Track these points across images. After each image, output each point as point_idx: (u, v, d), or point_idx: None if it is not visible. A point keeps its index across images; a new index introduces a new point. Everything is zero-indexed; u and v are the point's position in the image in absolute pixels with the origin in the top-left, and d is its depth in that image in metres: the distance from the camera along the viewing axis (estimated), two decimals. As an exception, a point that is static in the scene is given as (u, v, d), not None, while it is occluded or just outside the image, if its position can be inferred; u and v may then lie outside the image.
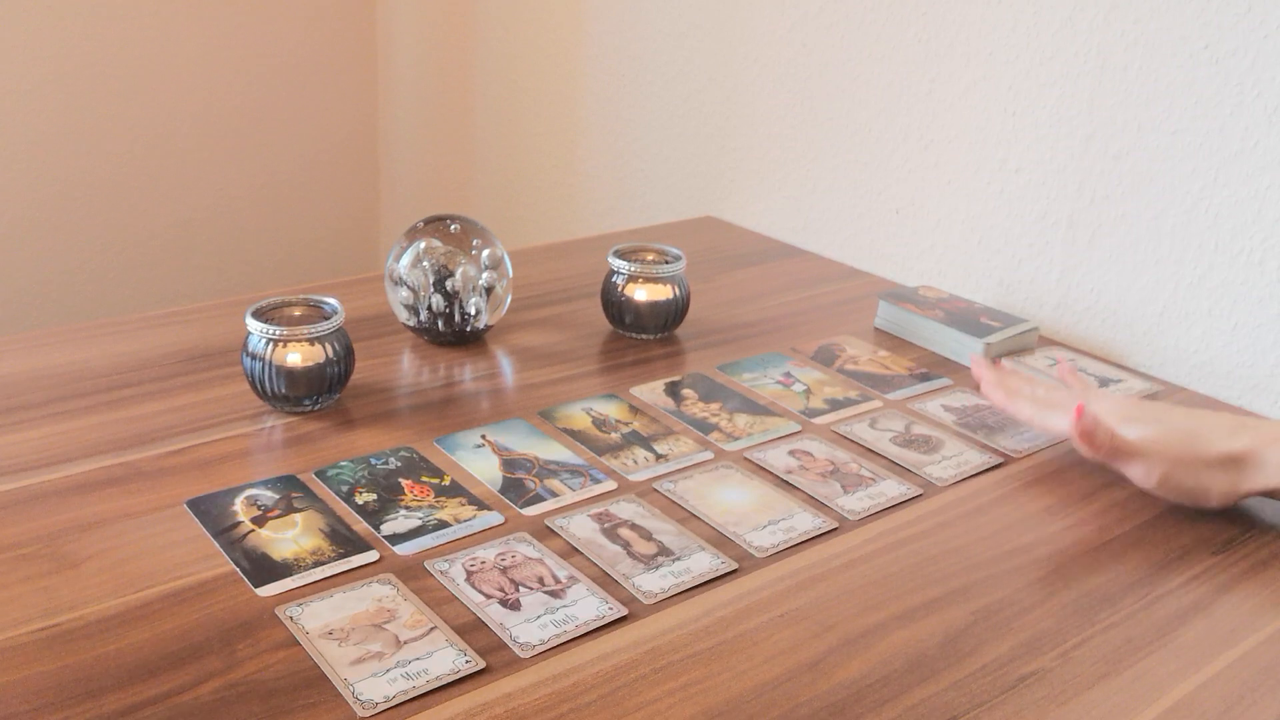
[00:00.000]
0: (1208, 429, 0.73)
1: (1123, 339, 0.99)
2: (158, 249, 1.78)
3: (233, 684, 0.53)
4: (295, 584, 0.61)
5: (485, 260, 0.90)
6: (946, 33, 1.07)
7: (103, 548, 0.63)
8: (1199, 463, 0.72)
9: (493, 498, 0.71)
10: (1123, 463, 0.73)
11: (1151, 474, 0.72)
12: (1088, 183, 0.99)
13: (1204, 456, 0.72)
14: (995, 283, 1.08)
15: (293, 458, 0.74)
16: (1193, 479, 0.72)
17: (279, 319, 0.80)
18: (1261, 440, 0.71)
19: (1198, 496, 0.73)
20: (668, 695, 0.54)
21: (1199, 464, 0.72)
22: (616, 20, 1.44)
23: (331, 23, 1.85)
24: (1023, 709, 0.55)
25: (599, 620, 0.59)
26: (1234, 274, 0.91)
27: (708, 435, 0.80)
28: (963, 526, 0.71)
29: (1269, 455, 0.71)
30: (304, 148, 1.89)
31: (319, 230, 1.95)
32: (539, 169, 1.64)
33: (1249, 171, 0.89)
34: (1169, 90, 0.92)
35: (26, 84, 1.59)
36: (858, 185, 1.20)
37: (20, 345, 0.88)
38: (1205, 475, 0.72)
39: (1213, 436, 0.72)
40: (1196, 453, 0.72)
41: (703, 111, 1.36)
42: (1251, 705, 0.57)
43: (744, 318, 1.03)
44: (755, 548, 0.67)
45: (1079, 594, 0.64)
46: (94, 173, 1.69)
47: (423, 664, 0.55)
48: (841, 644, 0.59)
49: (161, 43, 1.69)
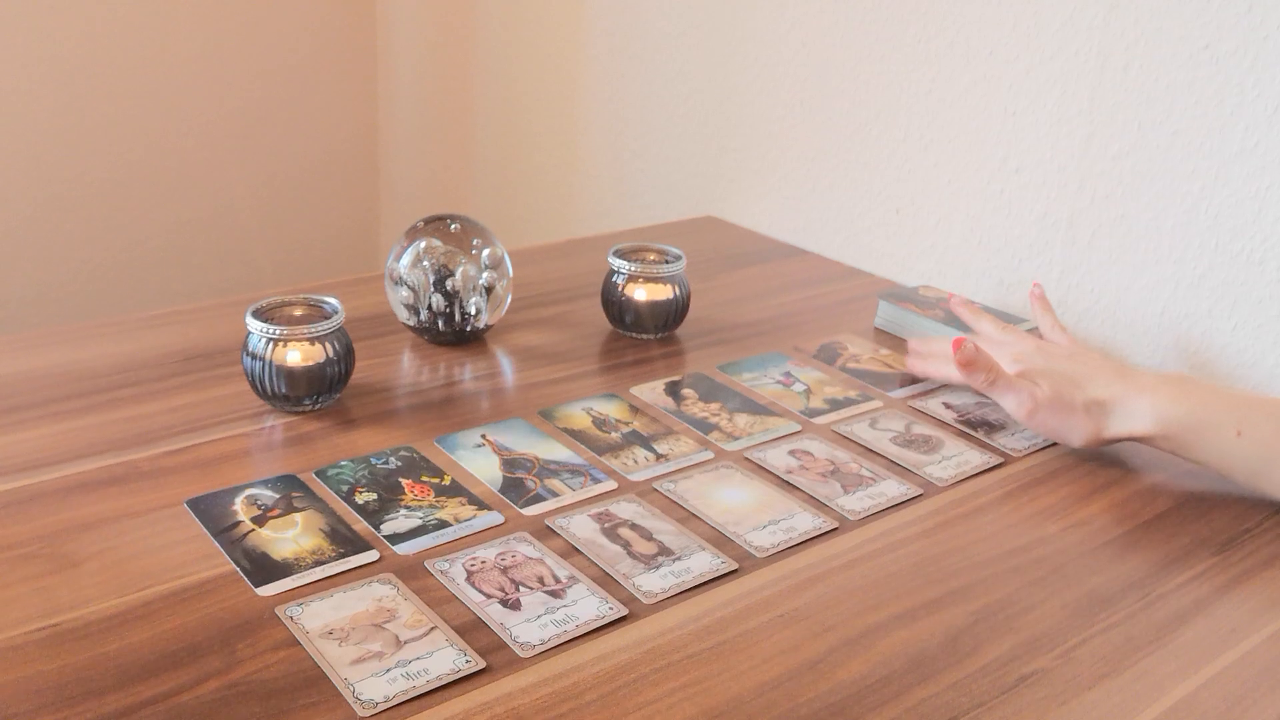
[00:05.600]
0: (1088, 376, 0.78)
1: (1123, 339, 0.99)
2: (158, 249, 1.78)
3: (233, 684, 0.53)
4: (295, 584, 0.61)
5: (485, 260, 0.90)
6: (946, 33, 1.07)
7: (103, 548, 0.63)
8: (1067, 406, 0.77)
9: (493, 497, 0.71)
10: (999, 393, 0.79)
11: (1022, 407, 0.78)
12: (1088, 183, 0.99)
13: (1073, 400, 0.77)
14: (995, 283, 1.08)
15: (293, 457, 0.74)
16: (1059, 419, 0.77)
17: (279, 319, 0.80)
18: (1130, 389, 0.76)
19: (1063, 435, 0.78)
20: (668, 695, 0.54)
21: (1067, 407, 0.77)
22: (616, 20, 1.44)
23: (332, 23, 1.85)
24: (1023, 709, 0.55)
25: (599, 620, 0.59)
26: (1234, 274, 0.91)
27: (708, 435, 0.80)
28: (963, 526, 0.71)
29: (1133, 404, 0.75)
30: (304, 148, 1.89)
31: (319, 230, 1.95)
32: (539, 169, 1.64)
33: (1249, 171, 0.89)
34: (1169, 90, 0.92)
35: (26, 84, 1.59)
36: (858, 185, 1.20)
37: (20, 345, 0.88)
38: (1072, 418, 0.77)
39: (1088, 383, 0.77)
40: (1068, 396, 0.77)
41: (703, 111, 1.36)
42: (1252, 705, 0.57)
43: (744, 318, 1.03)
44: (755, 548, 0.67)
45: (1079, 594, 0.64)
46: (94, 173, 1.69)
47: (423, 664, 0.55)
48: (841, 644, 0.59)
49: (162, 43, 1.69)
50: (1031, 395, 0.77)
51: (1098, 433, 0.76)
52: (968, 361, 0.78)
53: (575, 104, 1.54)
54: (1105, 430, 0.76)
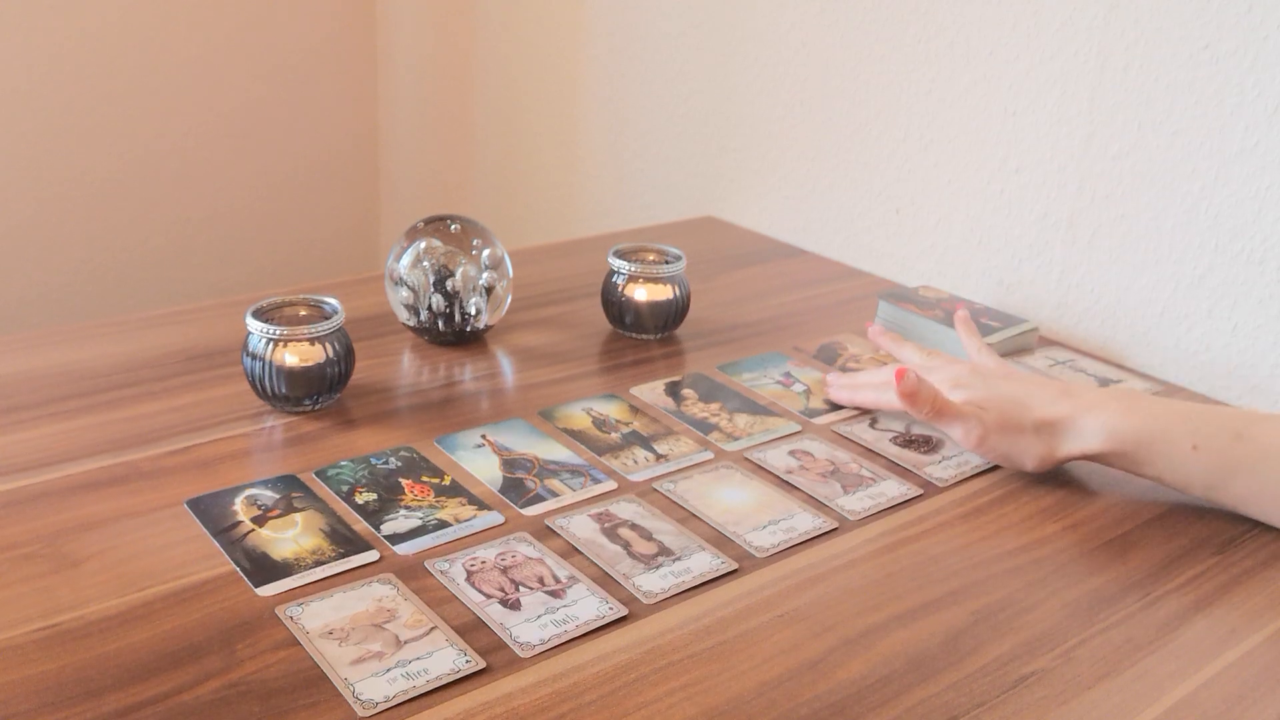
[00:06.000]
0: (1032, 396, 0.76)
1: (1123, 339, 0.99)
2: (158, 249, 1.78)
3: (233, 684, 0.53)
4: (295, 584, 0.61)
5: (485, 260, 0.90)
6: (946, 33, 1.07)
7: (103, 548, 0.63)
8: (1016, 429, 0.75)
9: (493, 498, 0.71)
10: (946, 423, 0.76)
11: (970, 435, 0.75)
12: (1088, 183, 0.99)
13: (1022, 423, 0.75)
14: (995, 283, 1.08)
15: (293, 457, 0.74)
16: (1009, 443, 0.75)
17: (279, 319, 0.80)
18: (1078, 408, 0.74)
19: (1014, 460, 0.76)
20: (668, 695, 0.54)
21: (1016, 430, 0.75)
22: (616, 20, 1.44)
23: (332, 23, 1.85)
24: (1023, 709, 0.55)
25: (599, 620, 0.59)
26: (1234, 274, 0.91)
27: (708, 435, 0.80)
28: (963, 526, 0.71)
29: (1083, 422, 0.73)
30: (304, 148, 1.89)
31: (319, 230, 1.95)
32: (539, 169, 1.64)
33: (1249, 171, 0.89)
34: (1169, 90, 0.92)
35: (26, 84, 1.59)
36: (858, 185, 1.20)
37: (20, 345, 0.88)
38: (1022, 440, 0.75)
39: (1034, 404, 0.75)
40: (1015, 419, 0.75)
41: (703, 111, 1.36)
42: (1252, 705, 0.57)
43: (744, 318, 1.03)
44: (755, 548, 0.67)
45: (1079, 594, 0.64)
46: (94, 173, 1.69)
47: (423, 664, 0.55)
48: (841, 644, 0.59)
49: (162, 43, 1.69)
50: (980, 421, 0.74)
51: (1050, 453, 0.74)
52: (910, 392, 0.74)
53: (575, 104, 1.54)
54: (1057, 450, 0.74)
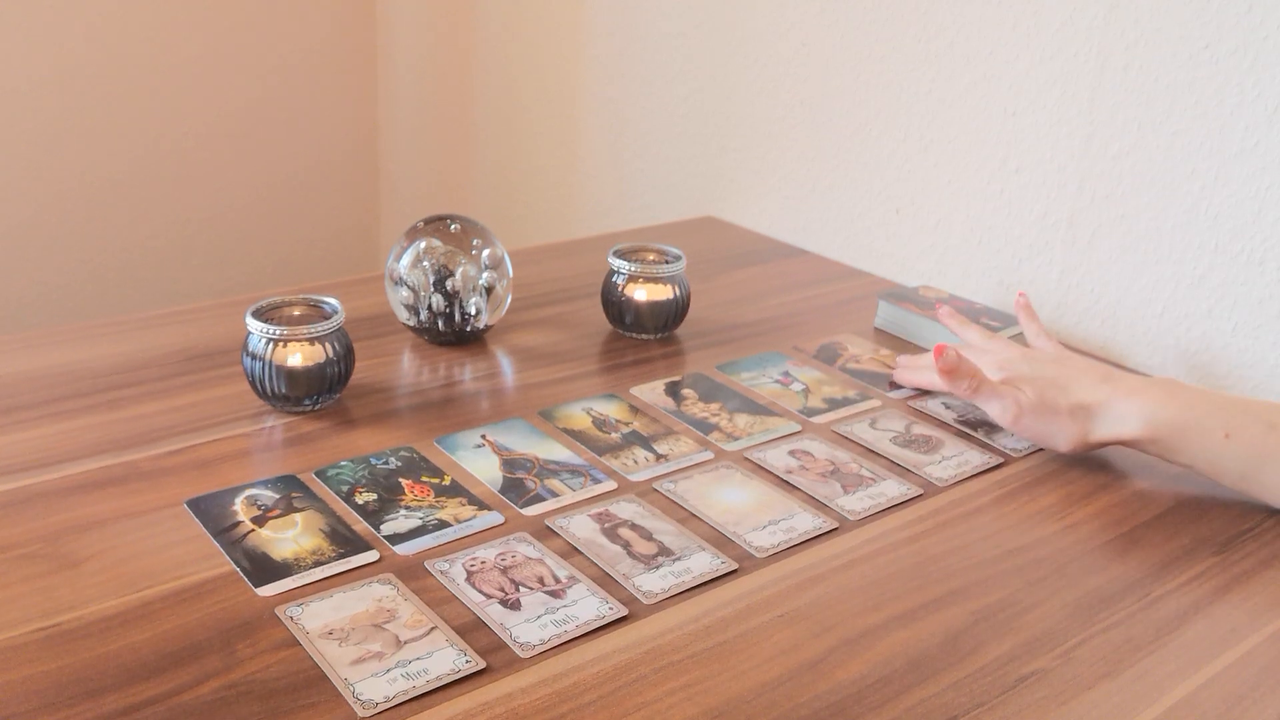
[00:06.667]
0: (1073, 380, 0.77)
1: (1123, 339, 0.99)
2: (158, 249, 1.78)
3: (233, 684, 0.53)
4: (295, 584, 0.61)
5: (485, 260, 0.90)
6: (946, 33, 1.07)
7: (103, 548, 0.63)
8: (1052, 410, 0.76)
9: (493, 498, 0.71)
10: (984, 400, 0.78)
11: (1006, 413, 0.77)
12: (1088, 183, 0.99)
13: (1058, 404, 0.76)
14: (995, 283, 1.08)
15: (293, 458, 0.74)
16: (1044, 424, 0.76)
17: (279, 319, 0.80)
18: (1116, 393, 0.75)
19: (1049, 440, 0.77)
20: (668, 695, 0.54)
21: (1052, 411, 0.76)
22: (616, 20, 1.44)
23: (332, 23, 1.85)
24: (1023, 709, 0.55)
25: (599, 620, 0.59)
26: (1234, 274, 0.91)
27: (708, 435, 0.80)
28: (963, 526, 0.71)
29: (1120, 407, 0.74)
30: (304, 148, 1.89)
31: (319, 230, 1.95)
32: (539, 169, 1.64)
33: (1249, 171, 0.89)
34: (1169, 90, 0.92)
35: (26, 84, 1.59)
36: (858, 185, 1.20)
37: (20, 345, 0.88)
38: (1057, 421, 0.76)
39: (1073, 387, 0.76)
40: (1052, 401, 0.76)
41: (703, 111, 1.36)
42: (1252, 705, 0.57)
43: (744, 318, 1.03)
44: (755, 548, 0.67)
45: (1079, 594, 0.64)
46: (94, 173, 1.69)
47: (423, 664, 0.55)
48: (841, 644, 0.59)
49: (162, 43, 1.69)
50: (1016, 400, 0.77)
51: (1083, 436, 0.76)
52: (950, 369, 0.77)
53: (575, 104, 1.54)
54: (1091, 434, 0.76)
